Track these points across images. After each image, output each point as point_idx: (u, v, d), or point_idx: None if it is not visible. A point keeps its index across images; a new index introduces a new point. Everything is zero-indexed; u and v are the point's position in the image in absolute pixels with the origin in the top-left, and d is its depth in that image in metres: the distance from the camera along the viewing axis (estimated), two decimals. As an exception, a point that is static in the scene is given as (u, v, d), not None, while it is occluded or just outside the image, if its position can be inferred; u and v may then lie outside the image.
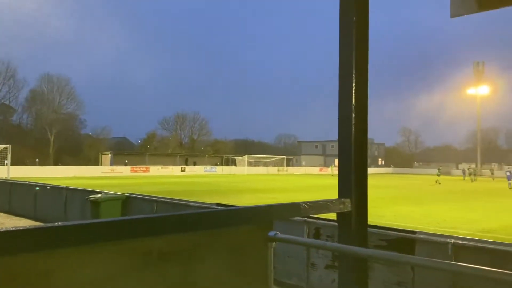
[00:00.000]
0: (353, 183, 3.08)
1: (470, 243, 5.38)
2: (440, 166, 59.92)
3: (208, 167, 69.42)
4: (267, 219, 2.49)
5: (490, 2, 2.96)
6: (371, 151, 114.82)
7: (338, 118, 3.22)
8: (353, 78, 3.05)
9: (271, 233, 2.36)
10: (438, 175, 48.88)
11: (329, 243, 3.76)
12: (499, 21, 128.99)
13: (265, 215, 2.47)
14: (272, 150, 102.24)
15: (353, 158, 3.09)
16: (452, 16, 3.32)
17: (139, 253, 1.69)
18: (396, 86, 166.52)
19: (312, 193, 29.43)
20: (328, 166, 76.76)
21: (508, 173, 40.17)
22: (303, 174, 67.90)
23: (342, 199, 3.04)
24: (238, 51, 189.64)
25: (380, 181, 51.52)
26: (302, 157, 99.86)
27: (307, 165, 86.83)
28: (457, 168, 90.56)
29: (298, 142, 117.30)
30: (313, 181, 45.22)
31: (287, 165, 79.94)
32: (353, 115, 3.09)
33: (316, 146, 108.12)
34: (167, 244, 1.82)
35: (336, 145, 3.33)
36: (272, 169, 74.07)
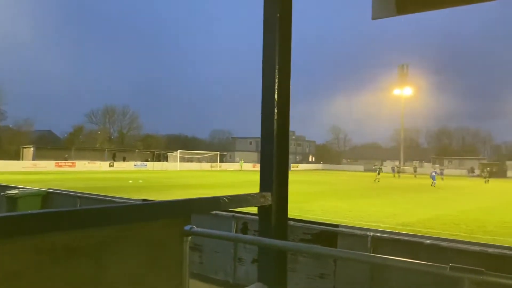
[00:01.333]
0: (274, 177, 3.12)
1: (387, 235, 5.66)
2: (376, 164, 61.88)
3: (139, 163, 67.64)
4: (185, 213, 2.45)
5: (407, 7, 3.11)
6: (303, 148, 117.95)
7: (261, 113, 3.25)
8: (276, 74, 3.08)
9: (187, 227, 2.33)
10: (378, 173, 49.63)
11: (243, 236, 3.81)
12: (423, 25, 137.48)
13: (182, 209, 2.43)
14: (206, 146, 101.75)
15: (275, 153, 3.12)
16: (373, 18, 3.47)
17: (43, 250, 1.59)
18: (328, 86, 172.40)
19: (243, 188, 29.63)
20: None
21: (433, 173, 43.18)
22: (236, 170, 68.21)
23: (263, 193, 3.07)
24: (172, 44, 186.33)
25: (310, 177, 53.08)
26: (236, 153, 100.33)
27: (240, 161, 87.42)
28: (382, 165, 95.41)
29: (233, 138, 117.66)
30: (246, 177, 45.60)
31: (221, 161, 79.88)
32: (276, 111, 3.12)
33: (250, 143, 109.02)
34: (75, 239, 1.72)
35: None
36: (206, 165, 73.69)
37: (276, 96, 3.05)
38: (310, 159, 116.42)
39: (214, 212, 7.37)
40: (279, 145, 3.09)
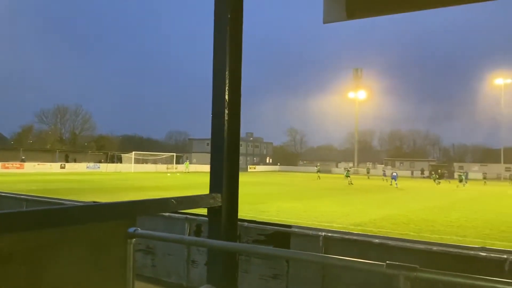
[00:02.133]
0: (225, 178, 3.10)
1: (338, 235, 5.76)
2: (318, 164, 66.28)
3: (91, 164, 65.64)
4: (130, 215, 2.39)
5: (357, 12, 3.19)
6: (260, 149, 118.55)
7: (211, 114, 3.23)
8: (227, 74, 3.07)
9: (131, 230, 2.27)
10: (318, 171, 54.42)
11: (189, 238, 3.78)
12: (379, 30, 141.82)
13: (127, 211, 2.36)
14: (162, 147, 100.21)
15: (225, 154, 3.11)
16: (325, 22, 3.53)
17: None
18: (286, 89, 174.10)
19: (199, 190, 29.36)
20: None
21: (394, 174, 44.60)
22: (193, 172, 67.58)
23: (213, 194, 3.04)
24: (127, 43, 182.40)
25: (267, 178, 53.41)
26: (193, 154, 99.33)
27: (198, 162, 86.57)
28: (337, 166, 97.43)
29: (189, 139, 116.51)
30: (202, 179, 45.29)
31: (177, 162, 78.90)
32: (226, 111, 3.11)
33: (208, 144, 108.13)
34: (11, 244, 1.64)
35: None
36: (161, 167, 72.54)
37: (227, 97, 3.04)
38: (267, 161, 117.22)
39: (167, 214, 7.25)
40: (229, 146, 3.08)
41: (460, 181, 46.84)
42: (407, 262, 1.61)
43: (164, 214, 7.31)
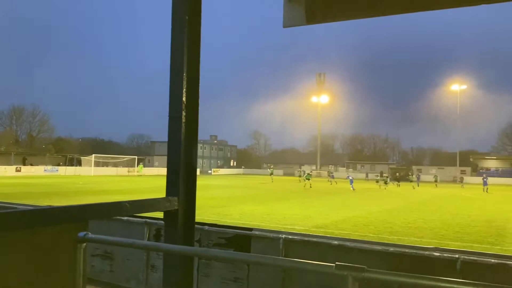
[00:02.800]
0: (181, 182, 3.06)
1: (298, 237, 5.81)
2: (271, 167, 70.50)
3: (49, 167, 63.51)
4: (81, 219, 2.32)
5: (316, 17, 3.24)
6: (224, 152, 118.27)
7: (168, 116, 3.18)
8: (184, 76, 3.03)
9: (81, 234, 2.20)
10: (271, 173, 56.75)
11: (141, 242, 3.71)
12: (342, 35, 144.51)
13: (78, 215, 2.29)
14: (124, 150, 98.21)
15: (183, 157, 3.07)
16: (285, 26, 3.56)
17: None
18: (251, 92, 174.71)
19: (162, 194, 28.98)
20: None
21: (350, 177, 45.32)
22: (155, 175, 66.54)
23: (169, 197, 3.00)
24: (87, 44, 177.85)
25: (231, 181, 53.31)
26: (155, 157, 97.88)
27: (160, 165, 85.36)
28: (300, 169, 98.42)
29: (152, 142, 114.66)
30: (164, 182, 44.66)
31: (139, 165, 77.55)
32: (184, 114, 3.08)
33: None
34: None
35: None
36: (122, 170, 71.05)
37: (184, 99, 3.00)
38: (231, 164, 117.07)
39: (125, 218, 7.10)
40: (187, 149, 3.04)
41: (411, 181, 49.13)
42: (364, 262, 1.63)
43: (122, 218, 7.15)
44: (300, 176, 59.11)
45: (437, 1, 3.09)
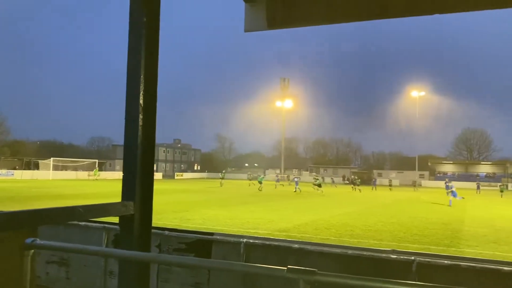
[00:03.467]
0: (138, 186, 3.00)
1: (259, 241, 5.81)
2: (224, 171, 72.01)
3: (4, 171, 61.00)
4: (30, 225, 2.23)
5: (276, 23, 3.26)
6: (188, 156, 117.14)
7: (125, 119, 3.11)
8: (142, 79, 2.98)
9: (28, 240, 2.12)
10: (222, 177, 57.71)
11: (92, 248, 3.61)
12: (306, 41, 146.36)
13: (26, 221, 2.20)
14: (84, 154, 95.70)
15: (139, 160, 3.01)
16: (246, 31, 3.57)
17: None
18: (216, 95, 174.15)
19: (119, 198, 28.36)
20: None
21: (296, 179, 46.13)
22: (116, 179, 65.12)
23: (125, 202, 2.93)
24: (46, 45, 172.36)
25: (194, 185, 52.86)
26: (117, 161, 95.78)
27: (121, 169, 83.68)
28: (264, 174, 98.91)
29: (113, 145, 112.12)
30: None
31: (100, 169, 75.67)
32: (141, 117, 3.02)
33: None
34: None
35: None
36: (83, 174, 69.16)
37: (141, 102, 2.95)
38: (195, 168, 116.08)
39: (83, 223, 6.90)
40: (143, 152, 2.99)
41: (357, 185, 51.17)
42: (323, 265, 1.65)
43: (80, 223, 6.95)
44: (250, 179, 59.76)
45: (394, 9, 3.17)
